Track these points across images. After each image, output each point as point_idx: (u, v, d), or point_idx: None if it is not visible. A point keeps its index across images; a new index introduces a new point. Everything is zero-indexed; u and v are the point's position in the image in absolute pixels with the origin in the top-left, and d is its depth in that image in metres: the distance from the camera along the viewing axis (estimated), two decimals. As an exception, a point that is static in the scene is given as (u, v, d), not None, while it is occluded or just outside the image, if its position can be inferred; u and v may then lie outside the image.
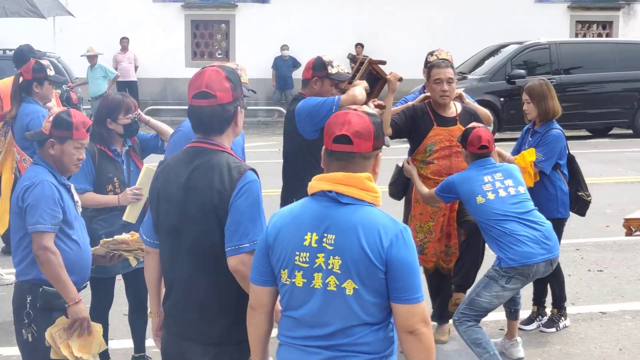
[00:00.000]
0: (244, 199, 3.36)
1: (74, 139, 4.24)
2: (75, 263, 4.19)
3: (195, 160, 3.47)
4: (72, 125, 4.23)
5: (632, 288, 7.65)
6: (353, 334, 2.97)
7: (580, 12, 25.89)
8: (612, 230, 9.41)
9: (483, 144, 5.52)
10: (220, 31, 25.47)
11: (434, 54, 6.69)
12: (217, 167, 3.42)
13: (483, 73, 18.82)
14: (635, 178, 13.36)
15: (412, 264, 2.97)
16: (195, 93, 3.45)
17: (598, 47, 20.08)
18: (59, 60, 18.67)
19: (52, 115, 4.28)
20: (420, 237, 6.18)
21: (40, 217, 4.04)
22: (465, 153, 5.67)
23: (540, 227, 5.43)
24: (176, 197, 3.47)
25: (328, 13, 24.32)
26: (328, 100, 5.55)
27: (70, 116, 4.25)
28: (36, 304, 4.11)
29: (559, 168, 6.35)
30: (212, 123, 3.47)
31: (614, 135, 19.84)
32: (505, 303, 5.94)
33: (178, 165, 3.53)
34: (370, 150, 3.05)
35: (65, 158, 4.26)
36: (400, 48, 22.11)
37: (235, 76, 3.54)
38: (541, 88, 6.36)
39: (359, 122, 3.03)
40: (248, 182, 3.39)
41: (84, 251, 4.28)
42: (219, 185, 3.38)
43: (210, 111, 3.44)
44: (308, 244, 3.00)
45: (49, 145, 4.25)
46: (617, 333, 6.50)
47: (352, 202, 3.00)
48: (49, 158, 4.27)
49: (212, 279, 3.44)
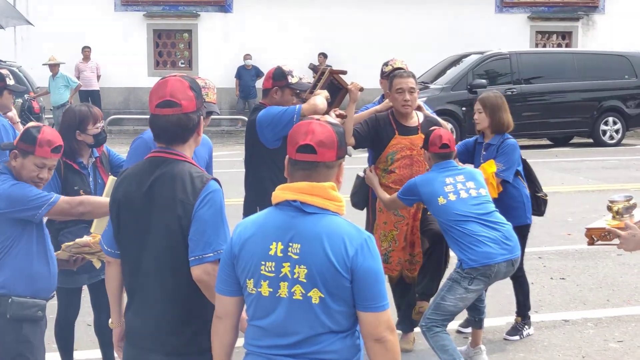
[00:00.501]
0: (207, 208, 3.34)
1: (35, 154, 4.18)
2: (43, 274, 4.19)
3: (157, 170, 3.44)
4: (36, 140, 4.17)
5: (594, 296, 7.71)
6: (319, 342, 2.97)
7: (540, 22, 26.19)
8: (573, 238, 9.49)
9: (444, 142, 5.56)
10: (183, 40, 25.39)
11: (389, 63, 6.68)
12: (180, 177, 3.39)
13: (445, 83, 18.94)
14: (596, 186, 13.51)
15: (377, 272, 2.98)
16: (159, 102, 3.42)
17: (558, 57, 20.34)
18: (20, 70, 18.50)
19: (24, 127, 4.25)
20: (385, 246, 6.18)
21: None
22: (427, 155, 5.71)
23: (501, 227, 5.48)
24: (137, 206, 3.44)
25: (291, 23, 24.37)
26: (289, 109, 5.55)
27: (38, 132, 4.19)
28: (6, 314, 4.09)
29: (519, 174, 6.40)
30: (176, 132, 3.44)
31: (575, 144, 20.07)
32: (469, 312, 5.96)
33: (139, 175, 3.49)
34: (334, 160, 3.06)
35: (24, 172, 4.21)
36: (362, 58, 22.18)
37: (197, 85, 3.53)
38: (495, 100, 6.42)
39: (323, 132, 3.04)
40: (211, 191, 3.37)
41: (48, 263, 4.26)
42: (181, 195, 3.36)
43: (175, 120, 3.41)
44: (273, 253, 3.00)
45: (12, 156, 4.22)
46: (580, 340, 6.55)
47: (316, 211, 3.01)
48: (12, 169, 4.24)
49: (174, 288, 3.41)
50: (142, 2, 24.89)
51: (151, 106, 3.46)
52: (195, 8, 25.03)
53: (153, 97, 3.45)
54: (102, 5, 24.47)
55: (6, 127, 6.57)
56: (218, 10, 25.07)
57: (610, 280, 8.19)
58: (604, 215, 5.03)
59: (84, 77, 21.49)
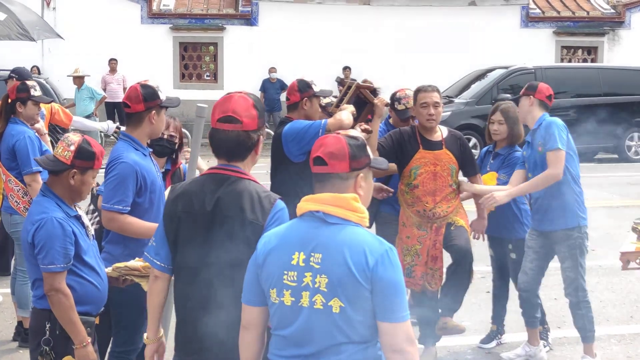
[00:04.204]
0: (275, 226, 3.35)
1: (94, 168, 4.22)
2: (90, 292, 4.18)
3: (220, 188, 3.47)
4: (95, 155, 4.20)
5: (617, 312, 7.67)
6: (340, 352, 2.99)
7: (566, 37, 26.09)
8: (597, 254, 9.43)
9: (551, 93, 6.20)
10: (209, 53, 25.52)
11: (402, 102, 6.69)
12: (247, 196, 3.43)
13: (469, 97, 18.92)
14: (621, 202, 13.43)
15: (398, 283, 2.99)
16: (220, 117, 3.46)
17: (583, 72, 20.24)
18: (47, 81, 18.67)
19: (73, 145, 4.17)
20: (408, 260, 6.19)
21: (53, 258, 4.02)
22: (532, 101, 6.07)
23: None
24: (201, 224, 3.46)
25: (316, 36, 24.44)
26: (315, 124, 5.59)
27: (91, 146, 4.21)
28: (55, 330, 4.09)
29: None
30: (235, 149, 3.49)
31: (600, 159, 19.95)
32: (526, 314, 6.35)
33: (200, 191, 3.50)
34: (347, 171, 3.08)
35: (84, 188, 4.23)
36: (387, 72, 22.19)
37: (261, 105, 3.57)
38: (515, 112, 6.46)
39: (334, 144, 3.09)
40: (278, 210, 3.45)
41: (100, 277, 4.26)
42: (251, 216, 3.40)
43: (234, 136, 3.46)
44: (296, 263, 3.03)
45: (68, 176, 4.18)
46: (603, 357, 6.51)
47: (338, 222, 3.04)
48: (61, 188, 4.20)
49: (233, 312, 3.37)
50: (168, 15, 25.07)
51: (213, 120, 3.49)
52: (221, 21, 25.16)
53: (216, 111, 3.49)
54: (129, 18, 24.67)
55: (32, 138, 6.62)
56: (244, 24, 25.19)
57: (633, 297, 8.14)
58: (627, 231, 5.02)
59: (111, 89, 21.65)
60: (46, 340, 4.08)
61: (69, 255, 4.07)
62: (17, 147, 6.57)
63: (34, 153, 6.55)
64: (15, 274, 6.87)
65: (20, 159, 6.56)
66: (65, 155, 4.16)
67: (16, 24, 10.57)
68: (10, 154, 6.63)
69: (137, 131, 4.74)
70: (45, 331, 4.09)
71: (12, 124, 6.71)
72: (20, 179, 6.62)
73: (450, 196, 6.16)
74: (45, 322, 4.11)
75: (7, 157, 6.68)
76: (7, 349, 6.79)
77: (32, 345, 4.20)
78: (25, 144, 6.55)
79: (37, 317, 4.18)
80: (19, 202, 6.64)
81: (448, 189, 6.13)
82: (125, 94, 4.88)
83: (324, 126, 5.51)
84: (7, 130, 6.70)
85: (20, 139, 6.57)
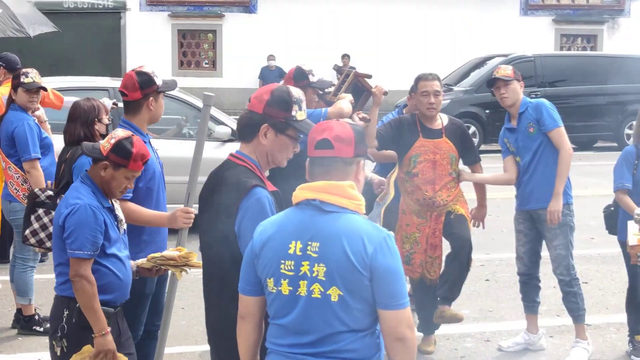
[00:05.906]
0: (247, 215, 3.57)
1: (128, 168, 4.16)
2: (114, 283, 4.17)
3: (219, 172, 3.71)
4: (131, 155, 4.13)
5: (616, 300, 7.68)
6: (339, 341, 2.98)
7: (565, 25, 26.06)
8: (596, 242, 9.45)
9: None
10: (207, 41, 25.48)
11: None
12: (230, 182, 3.60)
13: (469, 85, 18.89)
14: (620, 191, 13.38)
15: (397, 270, 2.98)
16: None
17: (583, 60, 20.24)
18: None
19: (115, 139, 4.15)
20: (407, 248, 6.19)
21: (81, 244, 4.01)
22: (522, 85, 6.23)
23: None
24: (201, 209, 3.74)
25: (315, 23, 24.40)
26: (315, 112, 5.56)
27: (132, 145, 4.14)
28: (72, 319, 4.09)
29: None
30: (240, 130, 3.71)
31: (599, 148, 19.95)
32: (526, 298, 6.39)
33: (212, 178, 3.73)
34: (352, 156, 3.08)
35: (114, 184, 4.17)
36: (386, 60, 22.17)
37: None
38: None
39: (340, 128, 3.09)
40: (252, 199, 3.53)
41: (125, 268, 4.24)
42: (226, 201, 3.55)
43: (245, 117, 3.68)
44: (293, 252, 3.02)
45: (101, 167, 4.15)
46: (602, 345, 6.53)
47: (335, 210, 3.02)
48: (97, 178, 4.18)
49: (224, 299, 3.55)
50: (166, 2, 25.02)
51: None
52: (219, 8, 25.12)
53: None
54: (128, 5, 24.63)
55: (31, 125, 6.62)
56: (242, 11, 25.15)
57: (633, 285, 8.14)
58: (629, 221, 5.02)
59: (109, 77, 21.67)
60: (61, 327, 4.09)
61: (97, 244, 4.05)
62: (16, 134, 6.57)
63: (33, 140, 6.56)
64: (15, 262, 6.87)
65: (19, 145, 6.57)
66: (105, 146, 4.16)
67: (11, 18, 10.43)
68: (9, 140, 6.64)
69: (136, 118, 4.75)
70: (62, 317, 4.10)
71: (12, 110, 6.71)
72: (19, 166, 6.62)
73: (450, 185, 6.16)
74: (64, 308, 4.11)
75: (6, 144, 6.69)
76: (6, 336, 6.79)
77: (51, 330, 4.23)
78: (24, 130, 6.56)
79: (57, 303, 4.19)
80: (19, 190, 6.64)
81: (447, 178, 6.13)
82: (121, 82, 4.86)
83: (325, 115, 5.50)
84: (7, 116, 6.70)
85: (19, 126, 6.57)
